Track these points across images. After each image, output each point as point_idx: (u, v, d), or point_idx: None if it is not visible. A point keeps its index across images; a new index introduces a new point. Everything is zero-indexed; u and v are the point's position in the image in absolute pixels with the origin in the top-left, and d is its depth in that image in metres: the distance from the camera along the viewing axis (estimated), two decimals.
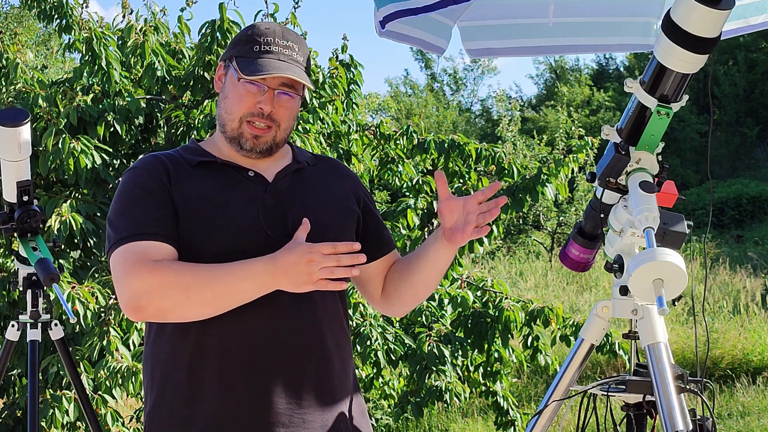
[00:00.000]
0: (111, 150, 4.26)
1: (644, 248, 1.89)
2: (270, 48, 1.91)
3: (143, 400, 2.04)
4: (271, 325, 1.84)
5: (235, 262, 1.79)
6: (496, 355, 4.71)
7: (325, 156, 2.16)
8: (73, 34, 4.50)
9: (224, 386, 1.83)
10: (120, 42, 4.51)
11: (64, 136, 4.03)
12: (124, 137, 4.35)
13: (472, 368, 4.80)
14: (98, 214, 4.15)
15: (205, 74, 4.34)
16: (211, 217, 1.86)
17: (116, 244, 1.82)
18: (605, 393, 2.10)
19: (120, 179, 2.01)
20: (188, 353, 1.85)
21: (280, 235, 1.87)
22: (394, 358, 4.43)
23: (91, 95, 4.36)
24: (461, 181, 4.94)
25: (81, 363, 3.82)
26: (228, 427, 1.83)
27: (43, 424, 3.70)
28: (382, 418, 5.40)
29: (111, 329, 3.77)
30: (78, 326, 3.87)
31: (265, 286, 1.78)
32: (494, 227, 4.60)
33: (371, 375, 4.68)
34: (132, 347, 3.81)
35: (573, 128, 5.57)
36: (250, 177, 1.94)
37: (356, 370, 4.47)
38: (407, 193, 5.03)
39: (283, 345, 1.85)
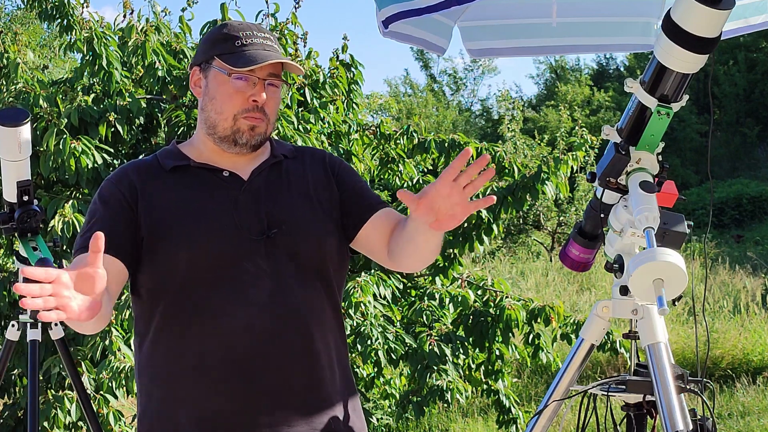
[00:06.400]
0: (112, 150, 4.26)
1: (644, 248, 1.90)
2: (252, 41, 1.91)
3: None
4: (247, 324, 1.83)
5: None
6: (497, 353, 4.71)
7: (309, 147, 2.14)
8: (73, 33, 4.50)
9: (206, 387, 1.84)
10: (121, 42, 4.51)
11: (65, 136, 4.03)
12: (125, 137, 4.34)
13: (473, 366, 4.80)
14: None
15: None
16: (183, 225, 1.87)
17: (72, 255, 1.92)
18: (605, 393, 2.11)
19: None
20: (169, 357, 1.87)
21: (258, 234, 1.87)
22: (394, 357, 4.43)
23: (92, 95, 4.36)
24: None
25: (83, 363, 3.82)
26: (212, 429, 1.83)
27: (46, 424, 3.70)
28: (382, 418, 5.39)
29: (113, 329, 3.77)
30: None
31: None
32: (494, 227, 4.59)
33: (372, 374, 4.67)
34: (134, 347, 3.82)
35: (577, 129, 5.57)
36: (225, 178, 1.93)
37: (357, 370, 4.52)
38: None
39: (262, 343, 1.84)
